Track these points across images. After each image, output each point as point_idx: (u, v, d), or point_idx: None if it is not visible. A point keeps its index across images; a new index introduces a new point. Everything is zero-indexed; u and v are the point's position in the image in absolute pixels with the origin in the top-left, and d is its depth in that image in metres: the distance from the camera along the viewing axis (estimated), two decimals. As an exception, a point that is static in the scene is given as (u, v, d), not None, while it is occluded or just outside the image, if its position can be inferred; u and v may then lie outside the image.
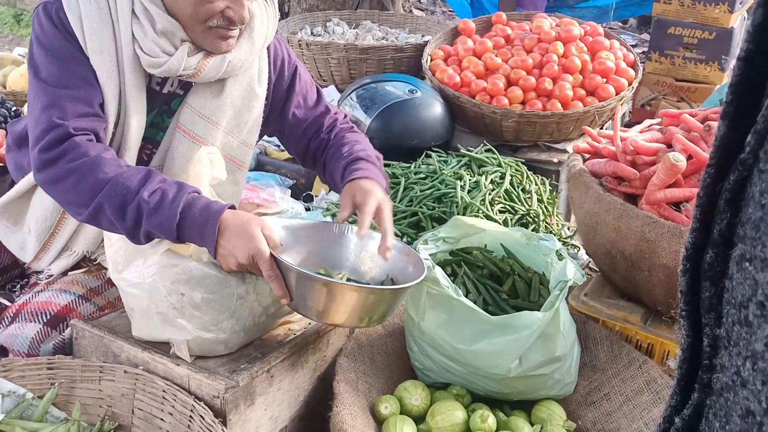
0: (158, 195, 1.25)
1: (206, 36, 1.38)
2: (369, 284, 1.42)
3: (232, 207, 1.29)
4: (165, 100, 1.48)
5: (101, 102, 1.37)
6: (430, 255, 1.47)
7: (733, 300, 0.46)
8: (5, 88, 3.03)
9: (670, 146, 1.67)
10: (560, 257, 1.44)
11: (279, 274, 1.24)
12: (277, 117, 1.62)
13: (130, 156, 1.44)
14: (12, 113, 2.71)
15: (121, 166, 1.30)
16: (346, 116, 1.68)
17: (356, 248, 1.47)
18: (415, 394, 1.40)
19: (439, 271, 1.37)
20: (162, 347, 1.34)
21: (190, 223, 1.24)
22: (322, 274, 1.32)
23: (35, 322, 1.44)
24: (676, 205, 1.58)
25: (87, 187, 1.27)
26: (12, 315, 1.47)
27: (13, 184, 1.57)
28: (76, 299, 1.50)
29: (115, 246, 1.34)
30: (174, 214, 1.23)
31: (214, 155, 1.39)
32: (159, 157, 1.50)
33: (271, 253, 1.23)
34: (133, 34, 1.36)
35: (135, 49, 1.37)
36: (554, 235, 2.08)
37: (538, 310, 1.36)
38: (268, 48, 1.56)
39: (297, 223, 1.48)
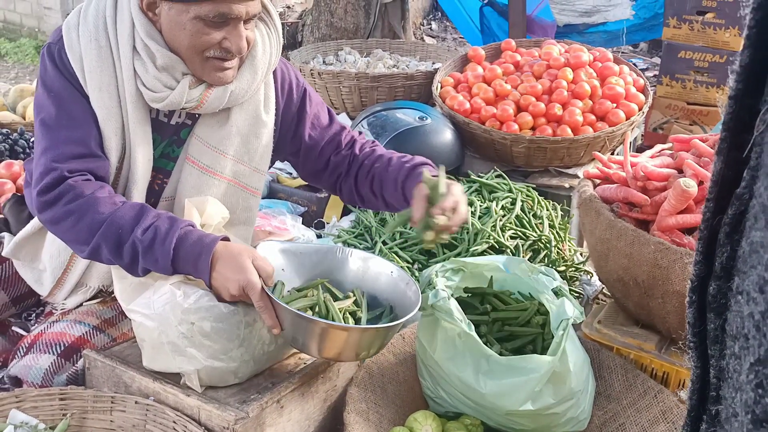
0: (151, 233, 1.29)
1: (204, 67, 1.39)
2: (368, 311, 1.42)
3: (226, 238, 1.31)
4: (174, 130, 1.50)
5: (100, 141, 1.40)
6: (446, 287, 1.46)
7: (731, 333, 0.46)
8: (25, 119, 3.10)
9: (681, 171, 1.66)
10: (558, 294, 1.42)
11: (269, 305, 1.26)
12: (290, 140, 1.61)
13: (138, 190, 1.45)
14: (31, 144, 2.77)
15: (116, 203, 1.34)
16: (361, 133, 1.68)
17: (358, 273, 1.48)
18: (425, 424, 1.38)
19: (453, 304, 1.37)
20: (173, 377, 1.34)
21: (184, 257, 1.28)
22: (320, 315, 1.32)
23: (49, 353, 1.45)
24: (689, 231, 1.57)
25: (84, 228, 1.32)
26: (27, 345, 1.48)
27: (30, 216, 1.60)
28: (91, 330, 1.51)
29: (124, 279, 1.36)
30: (167, 251, 1.27)
31: (204, 203, 1.41)
32: (170, 189, 1.51)
33: (263, 287, 1.26)
34: (134, 70, 1.38)
35: (137, 84, 1.39)
36: (566, 261, 2.07)
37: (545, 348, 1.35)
38: (274, 73, 1.56)
39: (300, 247, 1.49)
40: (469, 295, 1.57)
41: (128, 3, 1.37)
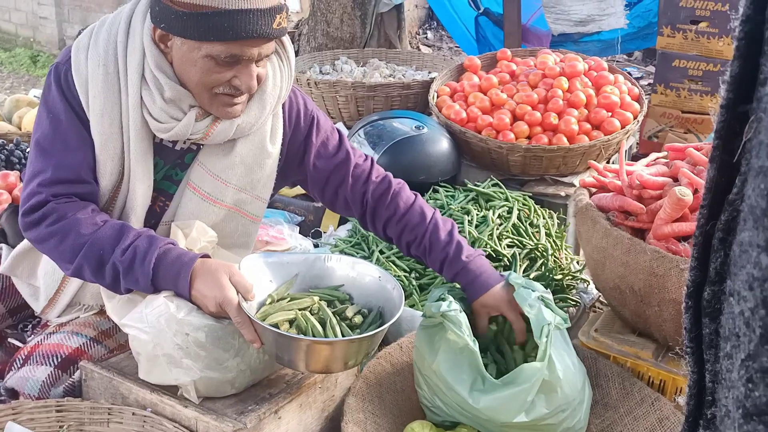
0: (131, 253, 1.30)
1: (213, 102, 1.38)
2: (358, 316, 1.42)
3: (206, 256, 1.32)
4: (178, 155, 1.49)
5: (93, 166, 1.40)
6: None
7: (724, 334, 0.47)
8: (21, 129, 3.10)
9: (676, 180, 1.67)
10: (545, 303, 1.42)
11: (247, 320, 1.26)
12: (296, 168, 1.60)
13: (137, 216, 1.45)
14: (26, 154, 2.77)
15: (97, 223, 1.35)
16: (367, 158, 1.62)
17: (347, 279, 1.48)
18: (423, 434, 1.38)
19: (464, 317, 1.39)
20: (170, 389, 1.34)
21: (163, 277, 1.29)
22: (299, 328, 1.32)
23: (46, 365, 1.45)
24: (684, 239, 1.58)
25: (67, 249, 1.34)
26: (23, 357, 1.48)
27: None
28: (88, 342, 1.51)
29: (112, 298, 1.38)
30: (147, 271, 1.29)
31: (190, 226, 1.42)
32: (170, 212, 1.50)
33: (240, 303, 1.26)
34: (141, 99, 1.37)
35: (143, 113, 1.38)
36: (563, 269, 2.07)
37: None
38: (283, 104, 1.54)
39: (286, 257, 1.49)
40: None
41: (141, 32, 1.37)
